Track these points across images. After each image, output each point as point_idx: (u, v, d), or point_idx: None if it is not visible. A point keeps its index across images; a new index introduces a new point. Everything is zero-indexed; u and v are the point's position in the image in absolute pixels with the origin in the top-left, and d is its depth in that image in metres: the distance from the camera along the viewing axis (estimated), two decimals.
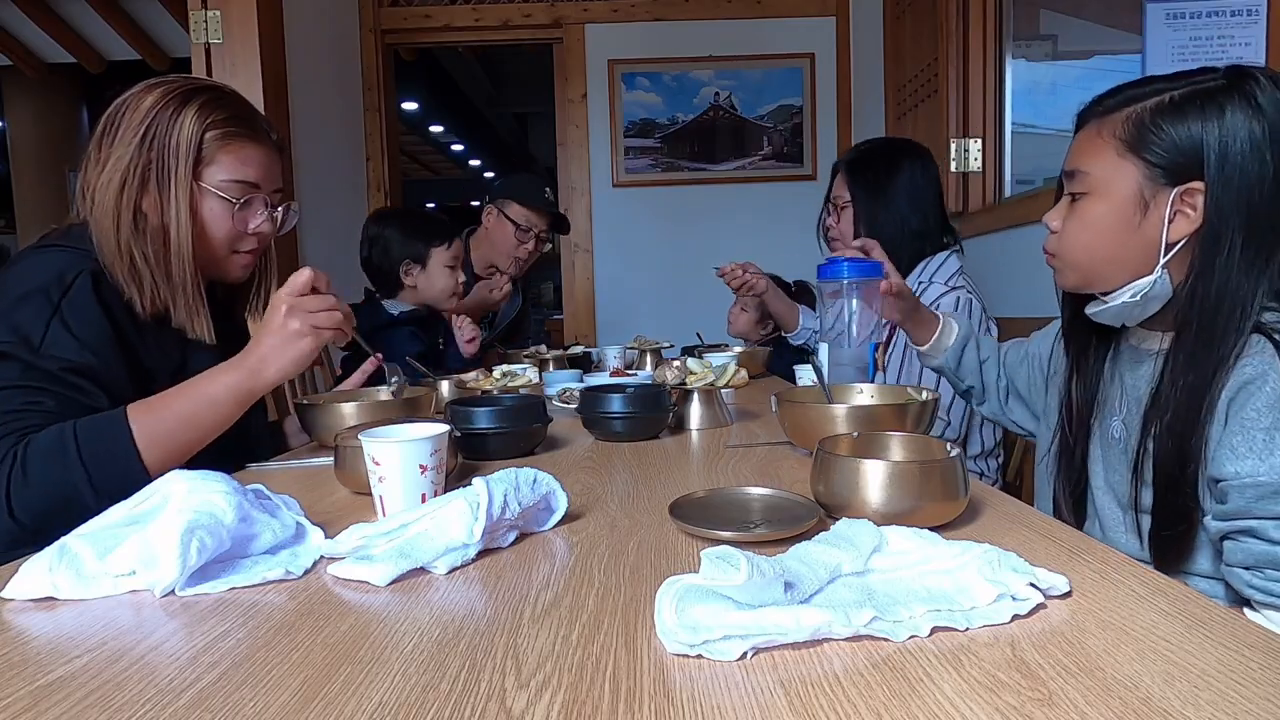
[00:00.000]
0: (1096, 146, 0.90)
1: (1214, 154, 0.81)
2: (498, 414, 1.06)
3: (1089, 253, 0.92)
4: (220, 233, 1.11)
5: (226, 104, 1.10)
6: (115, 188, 1.02)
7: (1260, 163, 0.80)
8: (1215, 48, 1.72)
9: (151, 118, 1.04)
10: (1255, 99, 0.81)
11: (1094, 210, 0.91)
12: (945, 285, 1.68)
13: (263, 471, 1.04)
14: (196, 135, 1.05)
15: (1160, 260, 0.86)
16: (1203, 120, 0.82)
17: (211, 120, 1.07)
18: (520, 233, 2.35)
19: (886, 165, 1.74)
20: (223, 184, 1.09)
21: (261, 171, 1.13)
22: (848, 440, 0.80)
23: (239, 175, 1.10)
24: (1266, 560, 0.75)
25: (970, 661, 0.44)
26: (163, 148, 1.04)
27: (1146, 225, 0.86)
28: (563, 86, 3.56)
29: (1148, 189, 0.86)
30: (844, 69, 3.47)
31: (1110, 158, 0.88)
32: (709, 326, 2.84)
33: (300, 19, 2.65)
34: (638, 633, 0.49)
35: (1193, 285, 0.84)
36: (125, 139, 1.04)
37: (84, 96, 5.71)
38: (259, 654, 0.48)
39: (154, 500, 0.65)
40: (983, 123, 2.44)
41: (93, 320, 0.98)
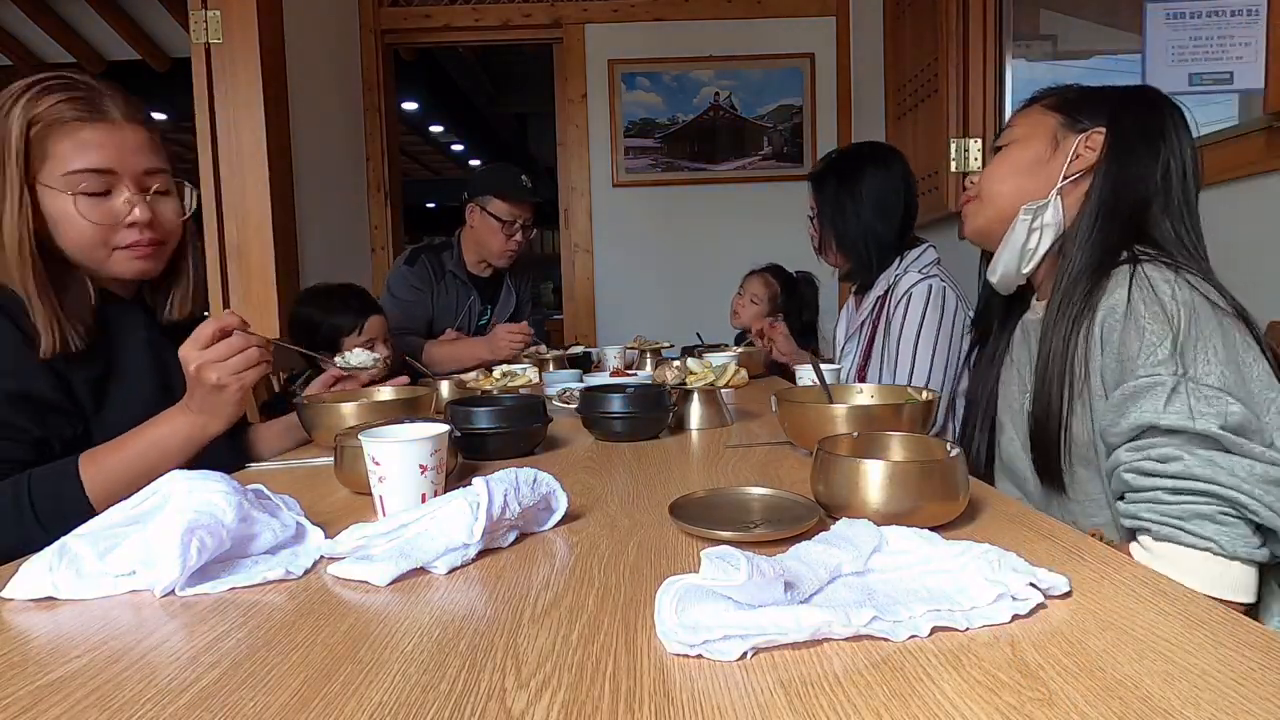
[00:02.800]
0: (1027, 113, 1.08)
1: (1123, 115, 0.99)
2: (498, 414, 1.06)
3: (1002, 184, 1.06)
4: (82, 232, 0.99)
5: (53, 89, 0.98)
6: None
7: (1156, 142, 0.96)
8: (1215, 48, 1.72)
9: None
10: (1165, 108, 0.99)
11: (1013, 154, 1.06)
12: (920, 273, 1.69)
13: (263, 471, 1.04)
14: (21, 132, 0.95)
15: (1056, 184, 1.00)
16: (1119, 99, 1.02)
17: (36, 113, 0.96)
18: (506, 227, 2.35)
19: (850, 176, 1.75)
20: (65, 178, 0.97)
21: (112, 154, 0.99)
22: (848, 440, 0.80)
23: (82, 164, 0.98)
24: (1124, 486, 0.83)
25: (970, 661, 0.44)
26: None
27: (1053, 161, 1.02)
28: (563, 86, 3.56)
29: (1060, 133, 1.03)
30: (844, 69, 3.46)
31: (1036, 115, 1.06)
32: (709, 326, 2.84)
33: (300, 19, 2.65)
34: (638, 633, 0.49)
35: (1070, 231, 0.99)
36: None
37: None
38: (259, 654, 0.48)
39: (154, 500, 0.65)
40: (983, 123, 2.44)
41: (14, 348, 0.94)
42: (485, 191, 2.36)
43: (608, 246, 3.59)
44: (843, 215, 1.75)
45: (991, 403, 1.12)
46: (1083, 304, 0.91)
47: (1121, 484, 0.84)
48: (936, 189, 2.57)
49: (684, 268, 3.56)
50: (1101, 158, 0.98)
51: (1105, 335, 0.88)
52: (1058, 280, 0.97)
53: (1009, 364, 1.10)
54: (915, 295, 1.65)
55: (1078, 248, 0.96)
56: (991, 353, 1.15)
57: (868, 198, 1.73)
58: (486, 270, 2.49)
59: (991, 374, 1.13)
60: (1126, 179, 0.96)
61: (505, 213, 2.34)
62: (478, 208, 2.37)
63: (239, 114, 2.33)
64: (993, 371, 1.13)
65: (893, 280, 1.74)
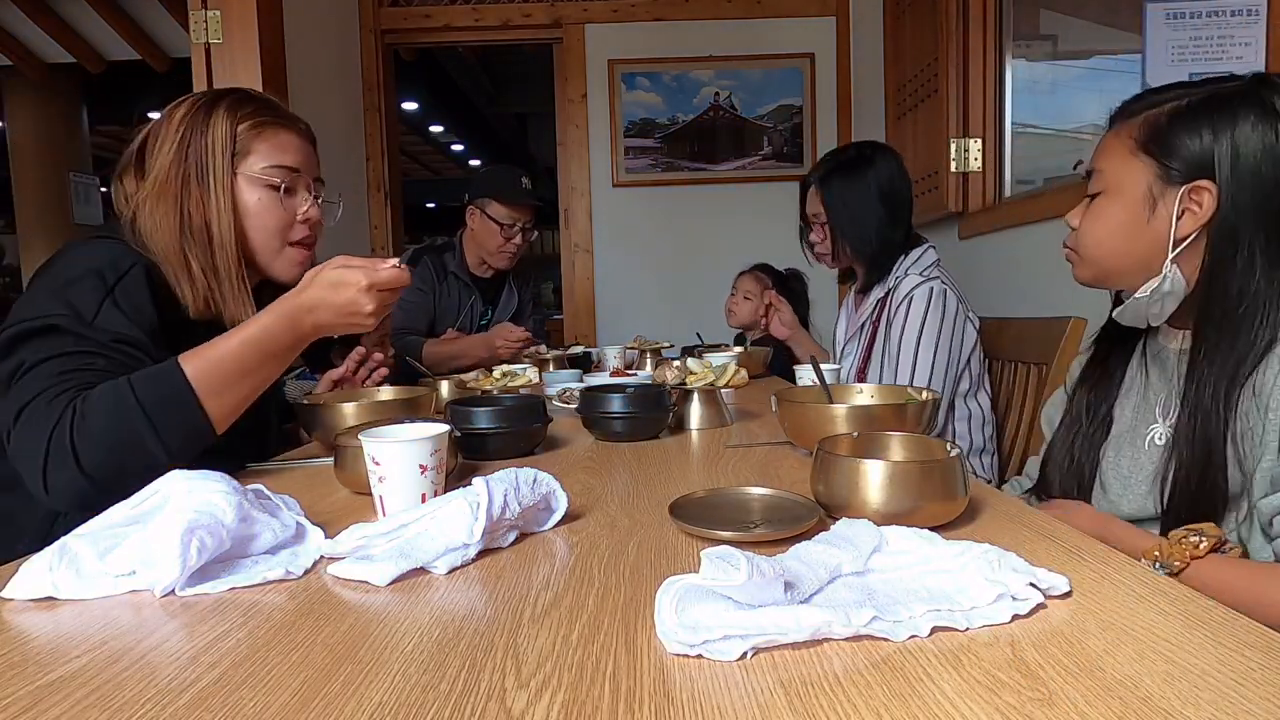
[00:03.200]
0: (1113, 147, 0.94)
1: (1226, 155, 0.84)
2: (498, 414, 1.06)
3: (1101, 248, 0.95)
4: (270, 221, 1.13)
5: (253, 99, 1.14)
6: (159, 198, 1.06)
7: (1273, 165, 0.82)
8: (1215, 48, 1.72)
9: (185, 126, 1.08)
10: (1272, 105, 0.83)
11: (1107, 208, 0.94)
12: (921, 275, 1.69)
13: (263, 471, 1.04)
14: (229, 129, 1.09)
15: (1169, 256, 0.88)
16: (1213, 124, 0.85)
17: (241, 114, 1.11)
18: (505, 229, 2.35)
19: (856, 175, 1.75)
20: (264, 170, 1.11)
21: (300, 156, 1.16)
22: (848, 440, 0.80)
23: (278, 160, 1.13)
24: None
25: (970, 661, 0.44)
26: (199, 150, 1.08)
27: (1156, 221, 0.89)
28: (563, 86, 3.56)
29: (1156, 187, 0.89)
30: (844, 69, 3.46)
31: (1124, 157, 0.92)
32: (709, 326, 2.84)
33: (300, 19, 2.65)
34: (638, 633, 0.49)
35: (1209, 282, 0.86)
36: (164, 150, 1.08)
37: (84, 96, 5.71)
38: (259, 654, 0.48)
39: (154, 500, 0.65)
40: (983, 123, 2.44)
41: (142, 307, 1.00)
42: (484, 194, 2.36)
43: (608, 246, 3.59)
44: (854, 215, 1.74)
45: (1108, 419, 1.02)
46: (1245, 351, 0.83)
47: None
48: (936, 189, 2.57)
49: (684, 268, 3.56)
50: (1215, 214, 0.85)
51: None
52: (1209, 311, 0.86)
53: (1134, 387, 1.01)
54: (917, 297, 1.65)
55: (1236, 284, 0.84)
56: (1113, 371, 1.03)
57: (876, 195, 1.73)
58: (488, 271, 2.50)
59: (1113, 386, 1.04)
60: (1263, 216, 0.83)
61: (504, 215, 2.34)
62: (477, 210, 2.37)
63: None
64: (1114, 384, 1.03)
65: (894, 282, 1.74)
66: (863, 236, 1.75)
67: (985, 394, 1.73)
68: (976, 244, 2.49)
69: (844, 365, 1.86)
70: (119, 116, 7.42)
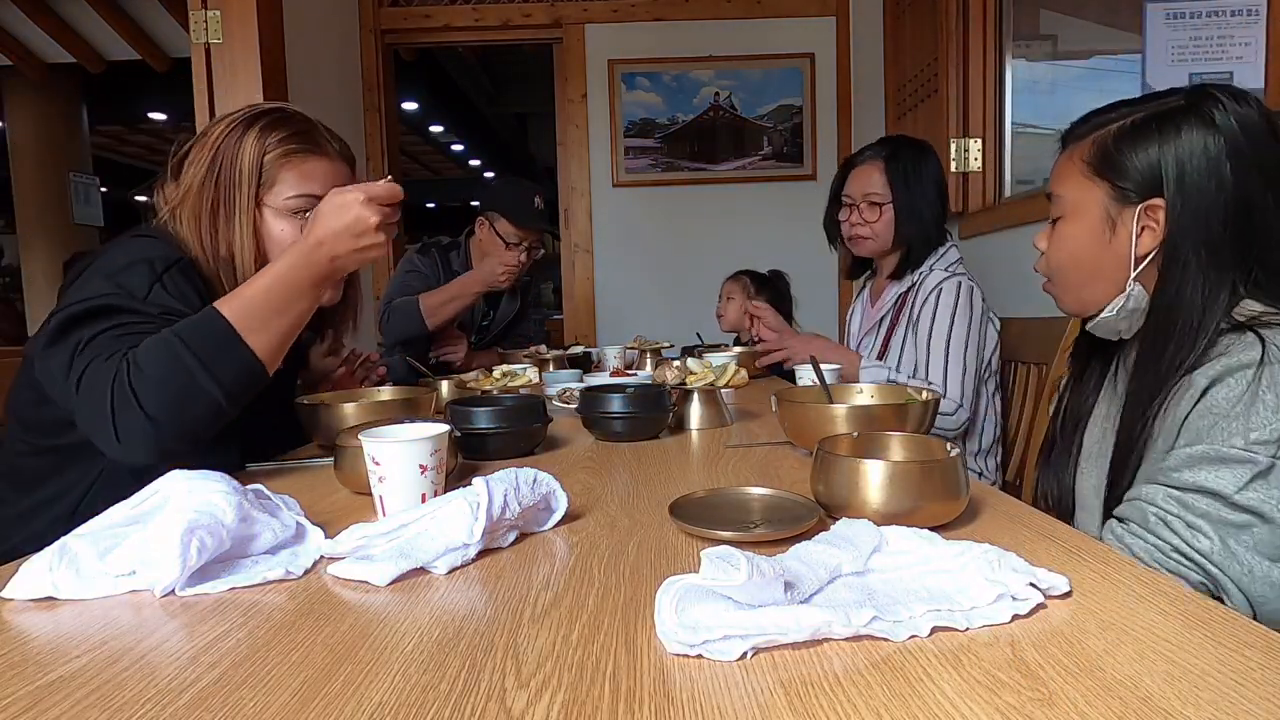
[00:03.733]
0: (1068, 170, 0.95)
1: (1171, 171, 0.86)
2: (498, 414, 1.06)
3: (1068, 273, 0.97)
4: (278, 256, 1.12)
5: (287, 123, 1.12)
6: (191, 215, 1.08)
7: (1218, 178, 0.84)
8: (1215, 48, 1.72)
9: (217, 147, 1.08)
10: (1212, 118, 0.84)
11: (1069, 231, 0.96)
12: (946, 271, 1.69)
13: (263, 471, 1.04)
14: (257, 159, 1.08)
15: (1130, 274, 0.91)
16: (1160, 141, 0.87)
17: (270, 141, 1.09)
18: (511, 247, 2.34)
19: (918, 159, 1.76)
20: (289, 201, 1.10)
21: (330, 182, 1.12)
22: (848, 440, 0.80)
23: (303, 190, 1.10)
24: (1142, 521, 0.81)
25: (970, 661, 0.44)
26: (228, 177, 1.08)
27: (1116, 242, 0.91)
28: (563, 86, 3.56)
29: (1113, 208, 0.91)
30: (844, 69, 3.46)
31: (1079, 180, 0.94)
32: (709, 326, 2.84)
33: (300, 19, 2.65)
34: (638, 633, 0.49)
35: (1156, 296, 0.89)
36: (196, 170, 1.09)
37: (84, 96, 5.71)
38: (259, 654, 0.48)
39: (154, 500, 0.65)
40: (983, 123, 2.44)
41: (189, 296, 1.01)
42: (496, 208, 2.34)
43: (608, 246, 3.59)
44: (916, 196, 1.74)
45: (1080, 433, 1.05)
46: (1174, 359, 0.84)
47: (1138, 515, 0.80)
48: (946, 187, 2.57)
49: (684, 268, 3.56)
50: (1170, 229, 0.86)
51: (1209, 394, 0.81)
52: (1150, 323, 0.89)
53: (1107, 398, 1.03)
54: (945, 291, 1.65)
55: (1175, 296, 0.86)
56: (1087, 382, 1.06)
57: (934, 182, 1.75)
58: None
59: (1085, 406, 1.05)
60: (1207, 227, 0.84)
61: (512, 235, 2.32)
62: (487, 222, 2.36)
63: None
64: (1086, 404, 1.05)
65: (918, 278, 1.73)
66: (922, 217, 1.74)
67: (999, 395, 1.72)
68: (976, 244, 2.49)
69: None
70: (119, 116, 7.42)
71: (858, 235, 1.81)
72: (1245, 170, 0.83)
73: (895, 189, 1.75)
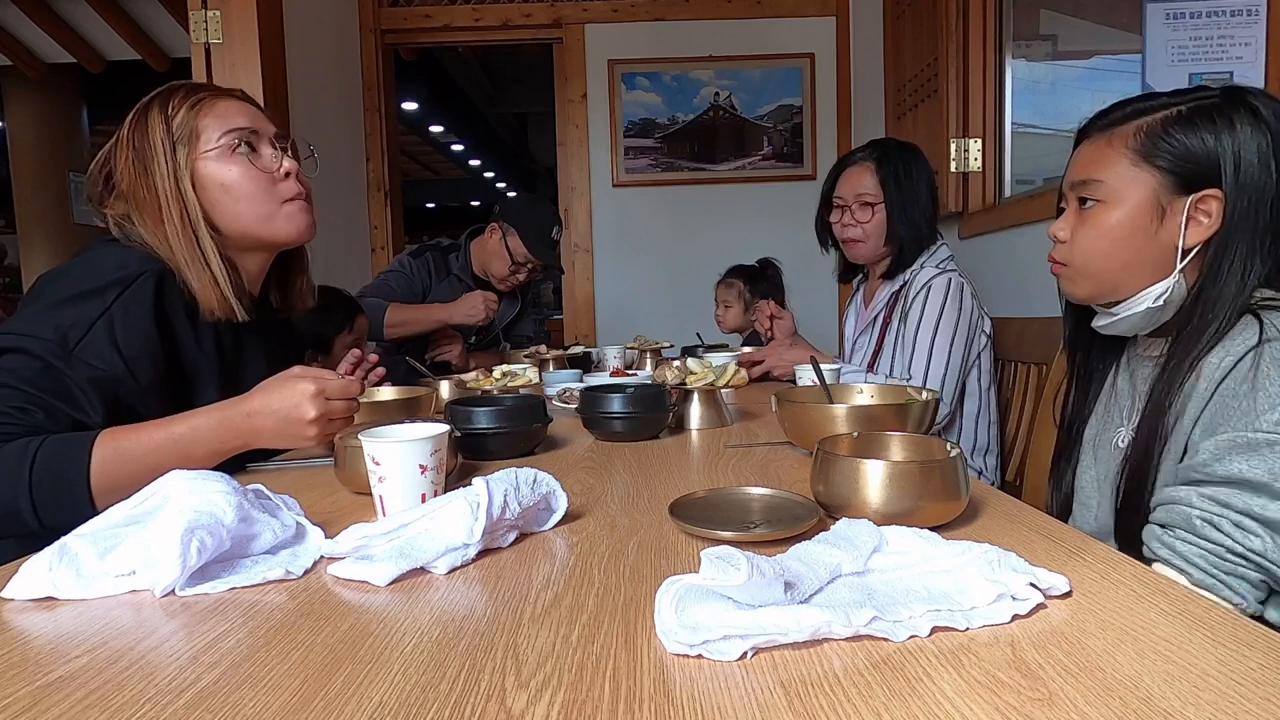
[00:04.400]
0: (1108, 157, 0.91)
1: (1230, 163, 0.84)
2: (498, 414, 1.06)
3: (1105, 260, 0.93)
4: (249, 186, 1.10)
5: (179, 87, 1.12)
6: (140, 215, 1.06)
7: (1266, 172, 0.83)
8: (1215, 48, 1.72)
9: (131, 139, 1.08)
10: (1259, 113, 0.84)
11: (1109, 218, 0.92)
12: (937, 268, 1.70)
13: (263, 471, 1.04)
14: (164, 124, 1.07)
15: (1177, 265, 0.88)
16: (1215, 131, 0.85)
17: (173, 104, 1.09)
18: (515, 266, 2.35)
19: (909, 161, 1.78)
20: (222, 139, 1.08)
21: (248, 118, 1.12)
22: (848, 440, 0.80)
23: (227, 126, 1.09)
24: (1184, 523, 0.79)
25: (970, 661, 0.44)
26: (147, 155, 1.06)
27: (1163, 231, 0.89)
28: (563, 86, 3.56)
29: (1164, 196, 0.88)
30: (844, 69, 3.46)
31: (1124, 166, 0.90)
32: (709, 326, 2.84)
33: (300, 19, 2.65)
34: (638, 633, 0.49)
35: (1201, 288, 0.87)
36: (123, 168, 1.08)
37: (84, 96, 5.71)
38: (259, 654, 0.48)
39: (154, 500, 0.65)
40: (983, 123, 2.44)
41: (139, 324, 0.99)
42: (515, 224, 2.33)
43: (608, 246, 3.59)
44: (909, 196, 1.75)
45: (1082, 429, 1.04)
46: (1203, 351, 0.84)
47: (1182, 519, 0.79)
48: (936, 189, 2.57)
49: (684, 268, 3.56)
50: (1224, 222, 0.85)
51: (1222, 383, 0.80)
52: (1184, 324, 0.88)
53: (1108, 395, 1.03)
54: (935, 288, 1.66)
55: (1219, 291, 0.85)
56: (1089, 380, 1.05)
57: (925, 182, 1.77)
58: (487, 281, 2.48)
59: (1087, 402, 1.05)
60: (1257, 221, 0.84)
61: (521, 255, 2.33)
62: (500, 231, 2.35)
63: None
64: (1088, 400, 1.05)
65: (909, 276, 1.74)
66: (914, 218, 1.75)
67: (994, 393, 1.73)
68: (976, 244, 2.49)
69: (854, 360, 1.86)
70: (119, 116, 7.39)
71: (850, 236, 1.82)
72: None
73: (887, 189, 1.76)
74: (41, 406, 0.92)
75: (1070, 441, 1.06)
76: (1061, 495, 1.06)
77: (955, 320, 1.63)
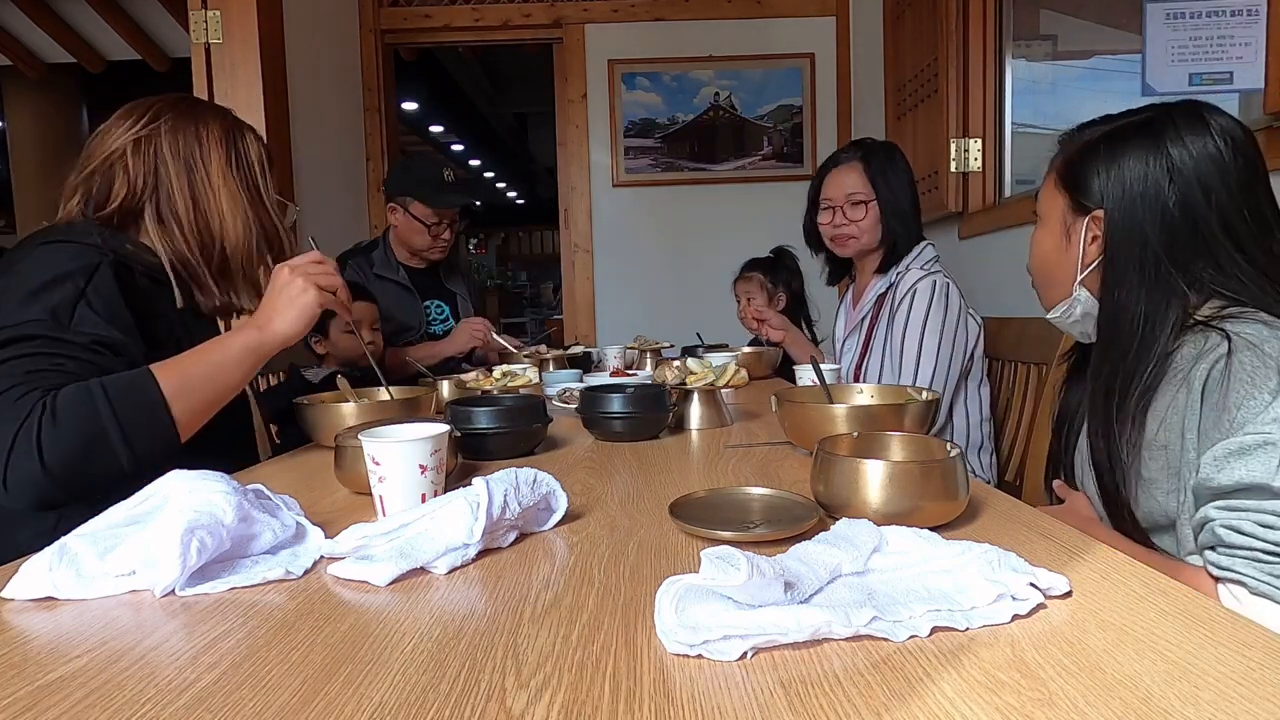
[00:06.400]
0: (1046, 181, 1.02)
1: (1112, 187, 0.92)
2: (498, 414, 1.06)
3: (1038, 273, 1.04)
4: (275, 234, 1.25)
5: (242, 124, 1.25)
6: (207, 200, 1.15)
7: (1155, 194, 0.89)
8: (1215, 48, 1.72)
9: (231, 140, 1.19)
10: (1161, 138, 0.90)
11: (1039, 236, 1.03)
12: (923, 270, 1.71)
13: (263, 471, 1.04)
14: (262, 152, 1.23)
15: (1076, 278, 0.96)
16: (1109, 157, 0.92)
17: (263, 142, 1.25)
18: (433, 228, 2.25)
19: (890, 157, 1.80)
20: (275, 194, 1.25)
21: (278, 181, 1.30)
22: (848, 440, 0.80)
23: (278, 188, 1.26)
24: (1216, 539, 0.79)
25: (970, 661, 0.44)
26: (249, 164, 1.20)
27: (1071, 248, 0.97)
28: (563, 86, 3.56)
29: (1069, 217, 0.97)
30: (844, 69, 3.47)
31: (1050, 190, 1.00)
32: (709, 326, 2.84)
33: (300, 19, 2.65)
34: (638, 633, 0.49)
35: (1101, 303, 0.94)
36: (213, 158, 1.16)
37: (84, 96, 5.71)
38: (259, 654, 0.48)
39: (154, 500, 0.65)
40: (983, 123, 2.44)
41: (115, 305, 1.03)
42: (405, 192, 2.25)
43: (608, 246, 3.59)
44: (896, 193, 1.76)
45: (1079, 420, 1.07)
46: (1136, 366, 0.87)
47: (1214, 538, 0.79)
48: (936, 189, 2.57)
49: (684, 268, 3.56)
50: (1107, 238, 0.92)
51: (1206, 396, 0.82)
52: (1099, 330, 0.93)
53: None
54: (920, 291, 1.66)
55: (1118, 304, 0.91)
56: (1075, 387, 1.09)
57: (909, 179, 1.79)
58: (422, 263, 2.39)
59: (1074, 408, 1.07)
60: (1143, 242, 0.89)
61: (428, 216, 2.24)
62: (399, 208, 2.26)
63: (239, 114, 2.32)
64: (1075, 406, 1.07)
65: (894, 277, 1.75)
66: (904, 212, 1.77)
67: (986, 390, 1.73)
68: (976, 244, 2.49)
69: (844, 362, 1.87)
70: None
71: (843, 235, 1.82)
72: (1188, 185, 0.87)
73: (877, 186, 1.78)
74: (70, 360, 0.95)
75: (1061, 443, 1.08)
76: (1057, 497, 1.08)
77: (942, 321, 1.63)
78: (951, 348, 1.64)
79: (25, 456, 0.87)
